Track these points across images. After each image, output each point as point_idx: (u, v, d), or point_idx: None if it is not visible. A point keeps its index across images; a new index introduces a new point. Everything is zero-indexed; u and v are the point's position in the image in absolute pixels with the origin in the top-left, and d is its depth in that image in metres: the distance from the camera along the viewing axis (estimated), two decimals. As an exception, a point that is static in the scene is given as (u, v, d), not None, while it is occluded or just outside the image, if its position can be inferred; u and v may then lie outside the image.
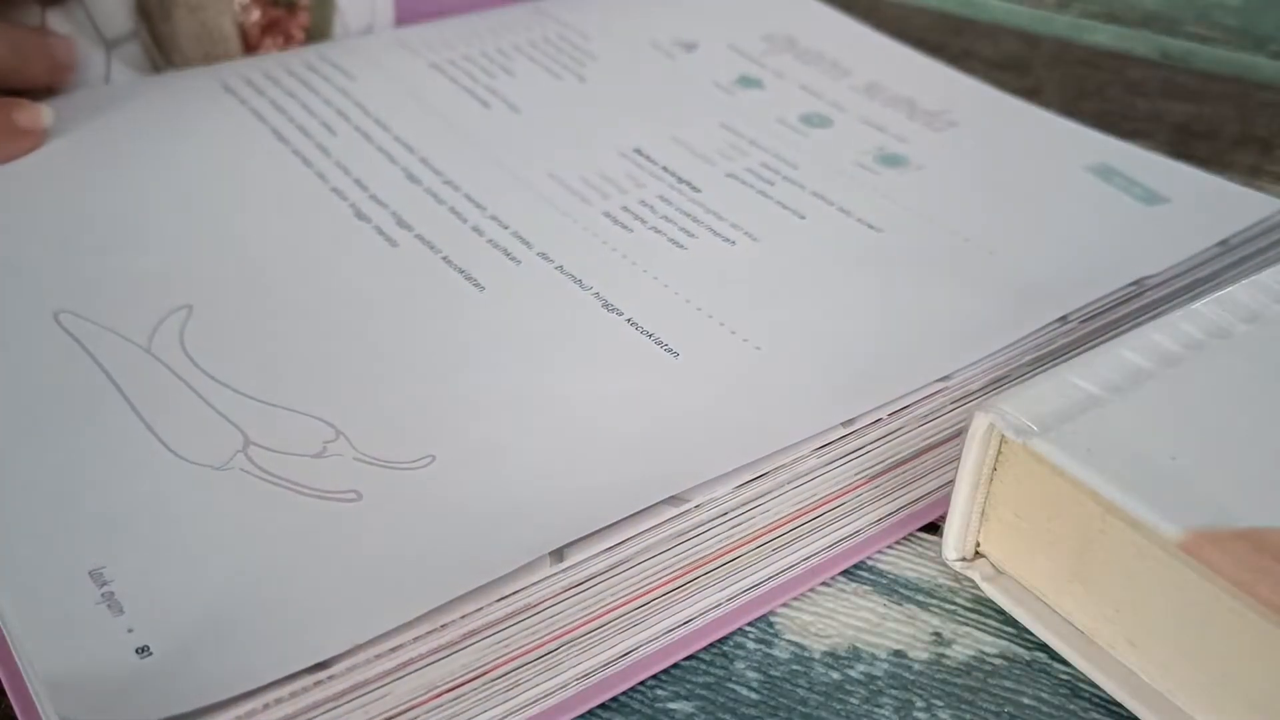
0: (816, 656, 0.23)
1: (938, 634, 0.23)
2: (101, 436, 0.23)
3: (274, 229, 0.29)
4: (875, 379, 0.24)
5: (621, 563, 0.21)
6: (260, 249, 0.29)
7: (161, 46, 0.37)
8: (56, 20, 0.35)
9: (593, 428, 0.23)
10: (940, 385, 0.25)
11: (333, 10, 0.39)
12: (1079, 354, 0.24)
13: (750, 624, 0.23)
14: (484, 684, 0.20)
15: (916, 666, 0.23)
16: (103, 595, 0.19)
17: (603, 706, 0.22)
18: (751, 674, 0.23)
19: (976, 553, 0.24)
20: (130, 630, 0.19)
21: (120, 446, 0.23)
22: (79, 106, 0.34)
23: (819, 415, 0.23)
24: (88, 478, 0.22)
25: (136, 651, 0.18)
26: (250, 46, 0.38)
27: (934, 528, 0.26)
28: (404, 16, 0.41)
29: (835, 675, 0.23)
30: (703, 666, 0.23)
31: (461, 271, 0.28)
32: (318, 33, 0.39)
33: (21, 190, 0.30)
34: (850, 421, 0.23)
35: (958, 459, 0.23)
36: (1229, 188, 0.32)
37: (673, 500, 0.21)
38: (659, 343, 0.26)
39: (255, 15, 0.38)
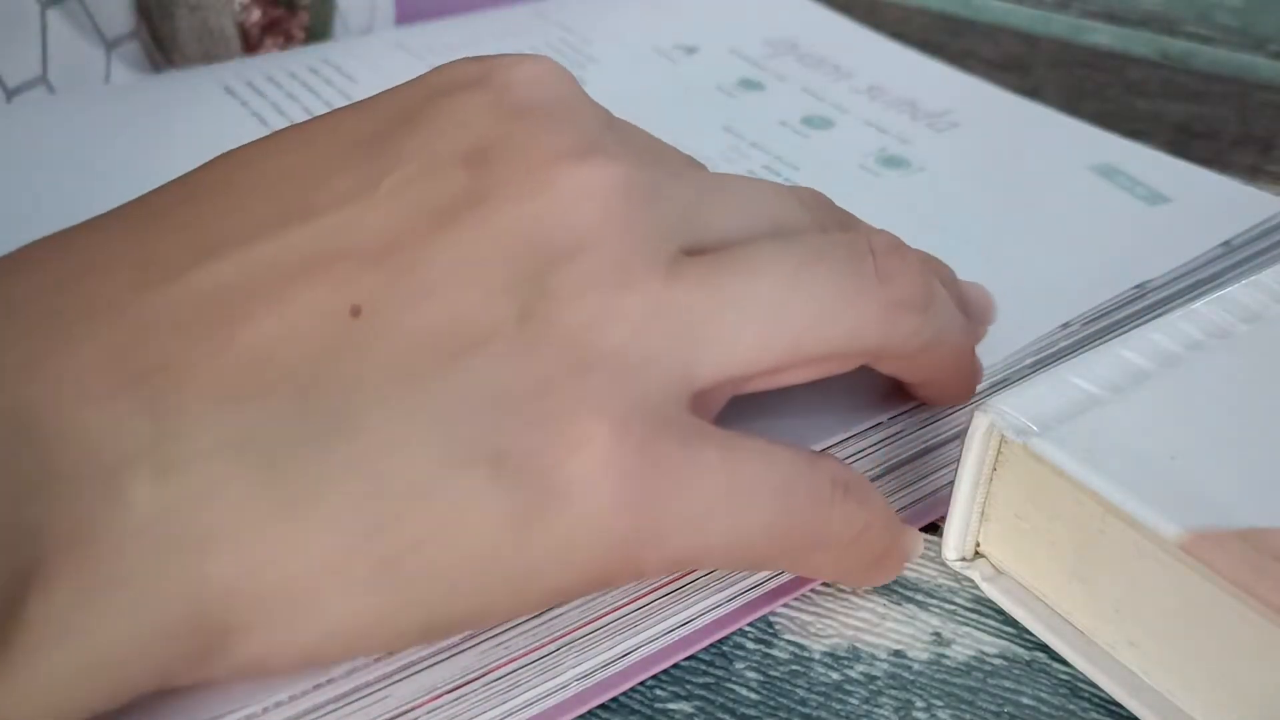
0: (816, 656, 0.23)
1: (937, 634, 0.23)
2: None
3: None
4: (876, 387, 0.24)
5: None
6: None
7: (162, 46, 0.37)
8: (56, 20, 0.35)
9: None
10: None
11: (333, 10, 0.39)
12: (1079, 355, 0.24)
13: (749, 624, 0.23)
14: (484, 685, 0.20)
15: (916, 666, 0.23)
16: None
17: (603, 707, 0.22)
18: (751, 674, 0.23)
19: (976, 553, 0.24)
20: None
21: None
22: (79, 106, 0.34)
23: (818, 424, 0.23)
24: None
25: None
26: (250, 46, 0.38)
27: (934, 528, 0.26)
28: (405, 17, 0.41)
29: (835, 675, 0.23)
30: (702, 666, 0.23)
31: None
32: (318, 32, 0.39)
33: (18, 191, 0.31)
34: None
35: (958, 460, 0.23)
36: (1233, 187, 0.32)
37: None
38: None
39: (255, 15, 0.38)
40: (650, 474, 0.17)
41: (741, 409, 0.24)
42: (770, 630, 0.23)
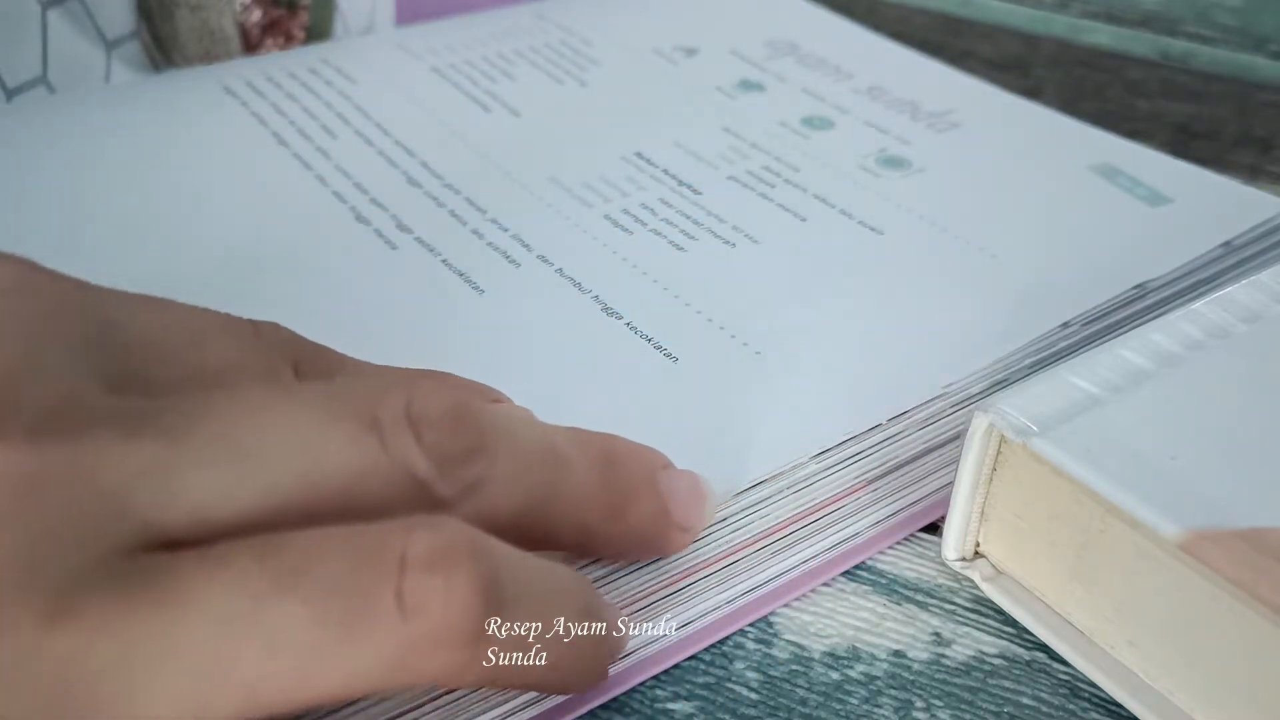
0: (816, 656, 0.23)
1: (937, 634, 0.23)
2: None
3: (274, 232, 0.29)
4: (876, 388, 0.24)
5: (620, 567, 0.21)
6: (260, 252, 0.29)
7: (162, 46, 0.37)
8: (56, 20, 0.35)
9: (593, 429, 0.23)
10: (941, 391, 0.25)
11: (333, 10, 0.39)
12: (1079, 355, 0.24)
13: (749, 624, 0.23)
14: (484, 685, 0.20)
15: (916, 666, 0.23)
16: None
17: (603, 706, 0.22)
18: (751, 674, 0.23)
19: (976, 553, 0.24)
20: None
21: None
22: (79, 106, 0.34)
23: (818, 426, 0.23)
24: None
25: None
26: (251, 46, 0.38)
27: (934, 528, 0.26)
28: (405, 17, 0.41)
29: (835, 675, 0.23)
30: (702, 667, 0.23)
31: (461, 274, 0.28)
32: (318, 32, 0.39)
33: (18, 191, 0.31)
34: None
35: (958, 460, 0.23)
36: (1233, 188, 0.32)
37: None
38: (658, 347, 0.26)
39: (256, 15, 0.38)
40: None
41: (731, 407, 0.24)
42: (770, 630, 0.23)
